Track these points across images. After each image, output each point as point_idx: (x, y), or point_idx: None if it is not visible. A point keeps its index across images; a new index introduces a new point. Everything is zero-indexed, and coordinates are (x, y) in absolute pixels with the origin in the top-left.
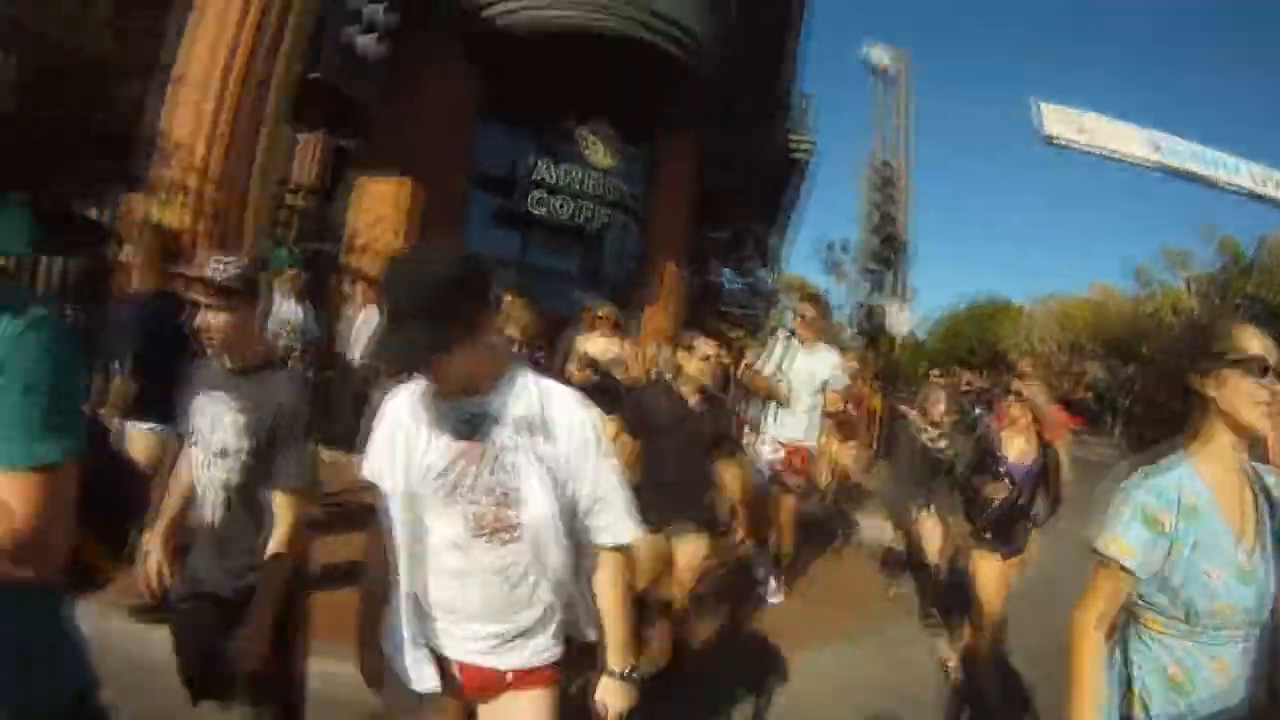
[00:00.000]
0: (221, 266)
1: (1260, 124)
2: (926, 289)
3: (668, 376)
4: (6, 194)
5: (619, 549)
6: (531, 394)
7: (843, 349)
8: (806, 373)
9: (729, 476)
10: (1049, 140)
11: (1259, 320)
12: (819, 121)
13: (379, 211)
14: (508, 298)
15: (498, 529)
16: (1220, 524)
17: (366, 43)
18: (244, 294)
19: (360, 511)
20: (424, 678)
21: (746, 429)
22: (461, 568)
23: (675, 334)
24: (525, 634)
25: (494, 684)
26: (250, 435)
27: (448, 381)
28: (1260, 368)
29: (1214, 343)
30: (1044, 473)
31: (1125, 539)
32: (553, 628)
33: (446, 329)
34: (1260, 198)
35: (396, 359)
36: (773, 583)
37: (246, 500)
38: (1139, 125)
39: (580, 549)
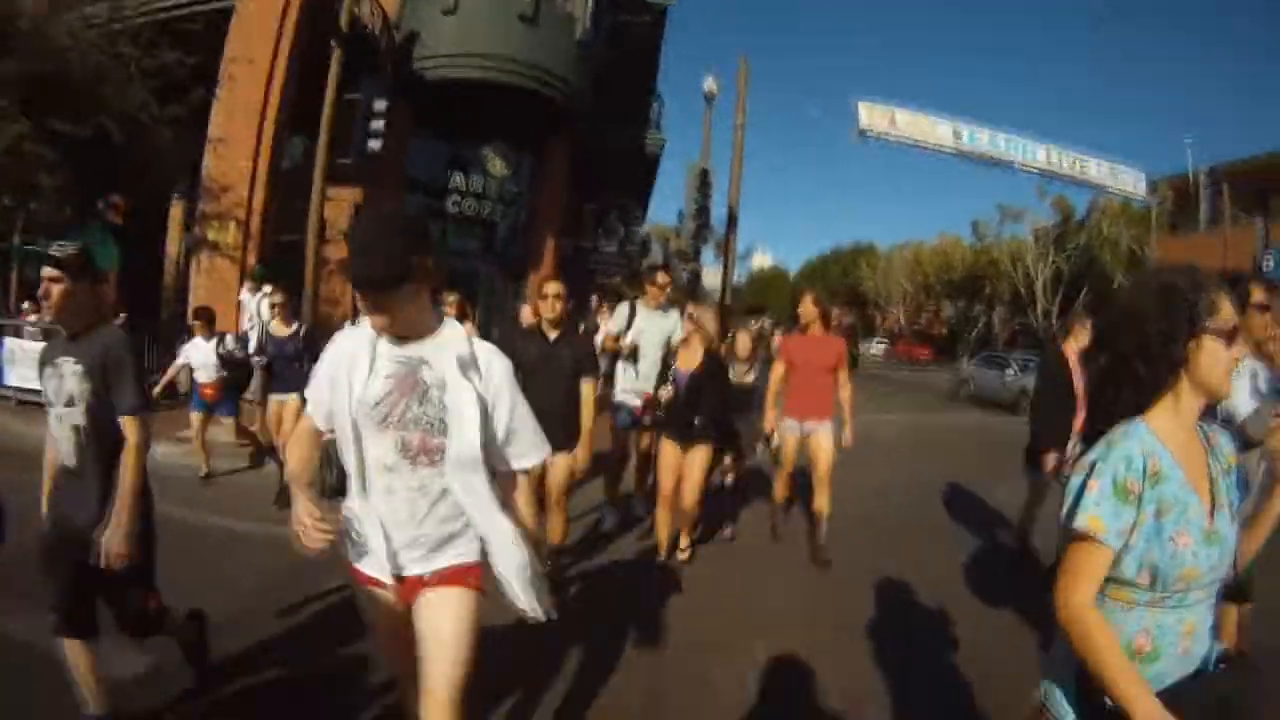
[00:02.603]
0: (62, 248)
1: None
2: (800, 242)
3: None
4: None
5: (524, 470)
6: (463, 340)
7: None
8: (656, 331)
9: (586, 389)
10: (862, 133)
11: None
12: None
13: (340, 209)
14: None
15: (423, 452)
16: (1184, 488)
17: (376, 128)
18: (79, 270)
19: None
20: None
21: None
22: (390, 484)
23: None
24: (444, 543)
25: (419, 588)
26: (88, 379)
27: (392, 321)
28: (1232, 333)
29: (1196, 309)
30: (707, 377)
31: (1100, 512)
32: (468, 537)
33: (404, 261)
34: (1055, 175)
35: (364, 279)
36: (607, 510)
37: (97, 439)
38: (947, 115)
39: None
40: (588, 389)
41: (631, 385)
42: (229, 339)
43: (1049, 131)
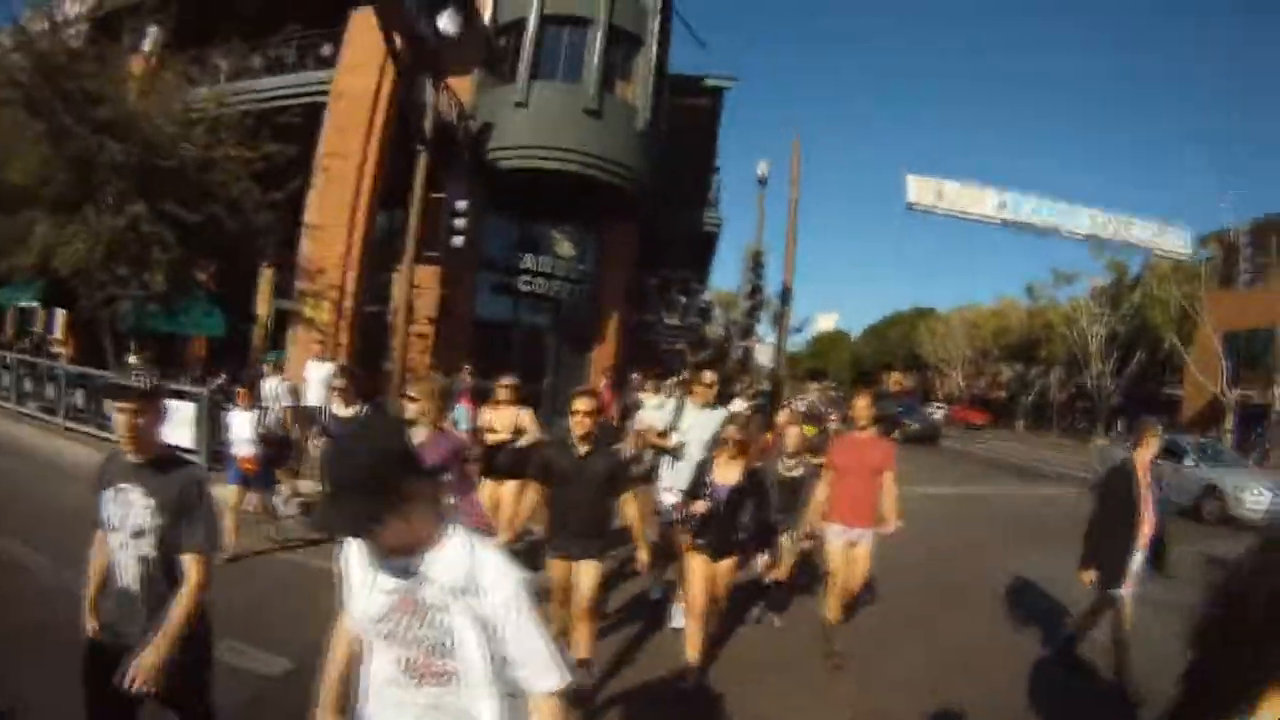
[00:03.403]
0: (142, 378)
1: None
2: (863, 305)
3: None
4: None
5: (548, 694)
6: (462, 557)
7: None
8: (703, 430)
9: (628, 508)
10: (910, 207)
11: None
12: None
13: (423, 284)
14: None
15: (429, 673)
16: None
17: (459, 225)
18: (152, 399)
19: None
20: None
21: (653, 475)
22: (401, 700)
23: (615, 366)
24: None
25: None
26: (161, 515)
27: (384, 545)
28: None
29: None
30: (749, 491)
31: None
32: None
33: (381, 501)
34: (1100, 239)
35: (336, 528)
36: (675, 607)
37: (162, 571)
38: (994, 184)
39: (513, 690)
40: (630, 503)
41: (674, 483)
42: (270, 416)
43: (1096, 195)
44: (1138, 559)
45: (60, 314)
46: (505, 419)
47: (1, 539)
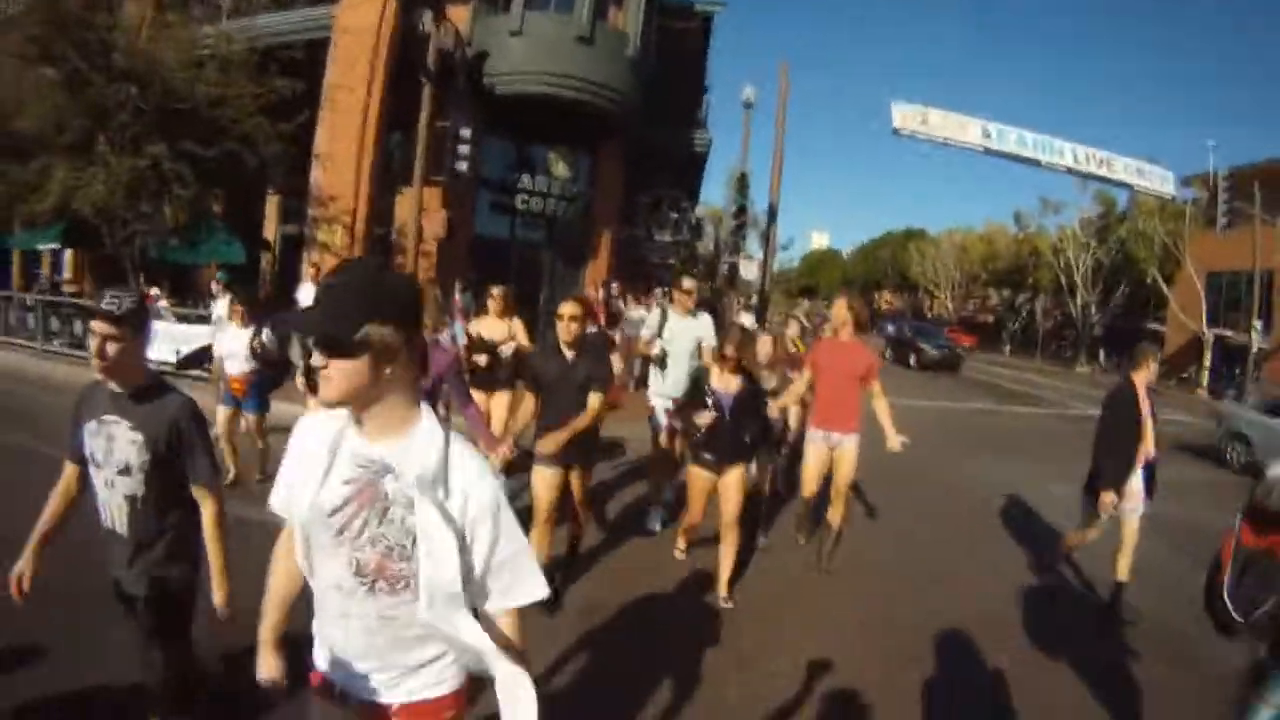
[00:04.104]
0: (117, 301)
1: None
2: (855, 224)
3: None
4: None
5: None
6: (434, 450)
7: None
8: (686, 337)
9: (592, 400)
10: (896, 132)
11: None
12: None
13: (428, 206)
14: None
15: (382, 578)
16: None
17: (462, 152)
18: (132, 324)
19: None
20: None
21: (639, 384)
22: (345, 607)
23: (607, 280)
24: (412, 672)
25: (384, 718)
26: (149, 450)
27: (338, 398)
28: None
29: None
30: (751, 398)
31: None
32: (443, 664)
33: (347, 320)
34: (1082, 174)
35: (310, 327)
36: (653, 512)
37: (150, 508)
38: (978, 115)
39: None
40: (593, 399)
41: (662, 390)
42: (266, 332)
43: (1080, 135)
44: (1136, 478)
45: (68, 255)
46: (498, 329)
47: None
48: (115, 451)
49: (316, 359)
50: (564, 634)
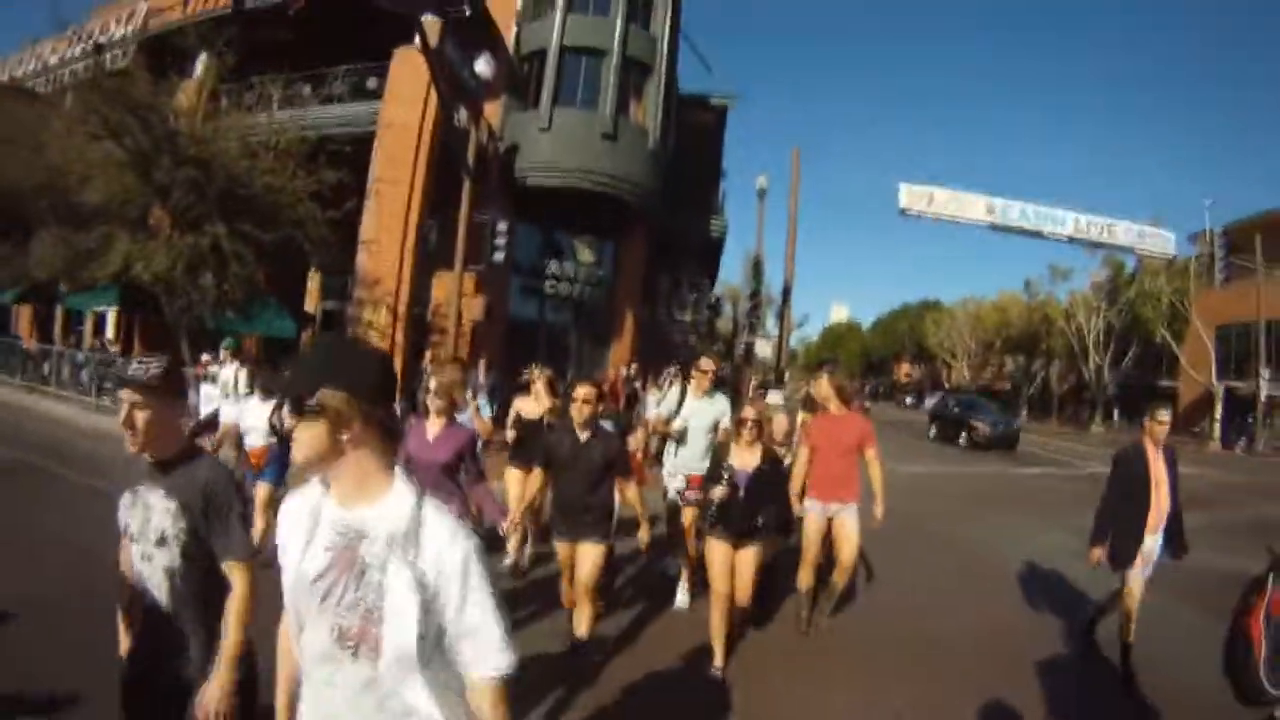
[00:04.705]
0: (144, 367)
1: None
2: (876, 294)
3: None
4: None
5: (490, 678)
6: (407, 511)
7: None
8: (704, 416)
9: (627, 491)
10: (903, 212)
11: None
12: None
13: (453, 287)
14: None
15: (364, 643)
16: None
17: (499, 244)
18: (166, 391)
19: None
20: None
21: (656, 460)
22: (331, 676)
23: (628, 361)
24: None
25: None
26: (184, 517)
27: (306, 461)
28: None
29: None
30: (768, 476)
31: None
32: None
33: (305, 383)
34: (1084, 242)
35: (288, 387)
36: (681, 587)
37: (193, 585)
38: (982, 190)
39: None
40: (627, 487)
41: (676, 467)
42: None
43: (1083, 199)
44: (1149, 541)
45: (110, 315)
46: (538, 410)
47: None
48: (151, 520)
49: (288, 420)
50: (570, 690)
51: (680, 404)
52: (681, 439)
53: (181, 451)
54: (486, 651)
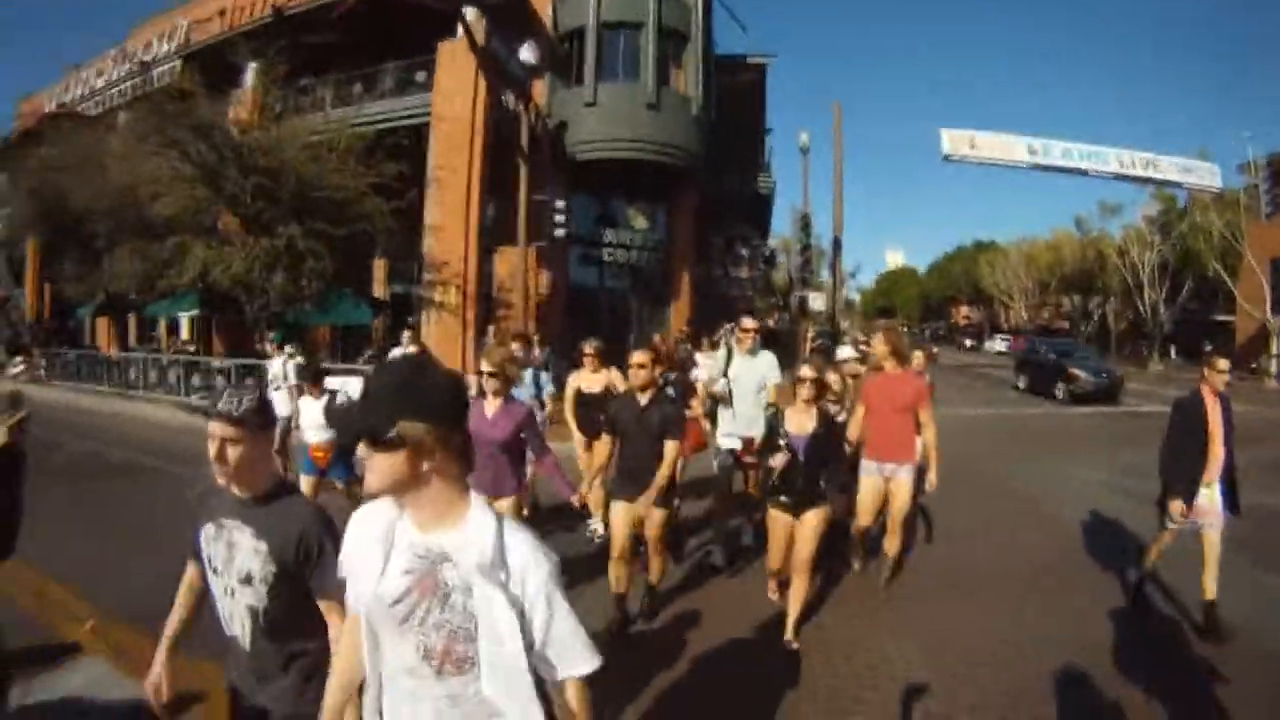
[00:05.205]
0: (235, 400)
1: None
2: (931, 237)
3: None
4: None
5: (578, 679)
6: (488, 535)
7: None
8: (750, 375)
9: (669, 449)
10: (946, 158)
11: None
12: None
13: (516, 262)
14: (590, 347)
15: (449, 660)
16: None
17: (559, 220)
18: (256, 424)
19: None
20: None
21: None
22: (415, 690)
23: (685, 323)
24: None
25: None
26: (274, 561)
27: (382, 490)
28: None
29: None
30: (825, 439)
31: None
32: None
33: (380, 418)
34: (1129, 178)
35: (351, 427)
36: (716, 549)
37: (279, 625)
38: (1022, 133)
39: (541, 675)
40: (670, 449)
41: (729, 428)
42: (340, 398)
43: (1126, 137)
44: (1205, 494)
45: (184, 319)
46: (596, 381)
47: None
48: (236, 559)
49: (361, 450)
50: (639, 673)
51: (728, 365)
52: (728, 400)
53: (272, 489)
54: (574, 658)
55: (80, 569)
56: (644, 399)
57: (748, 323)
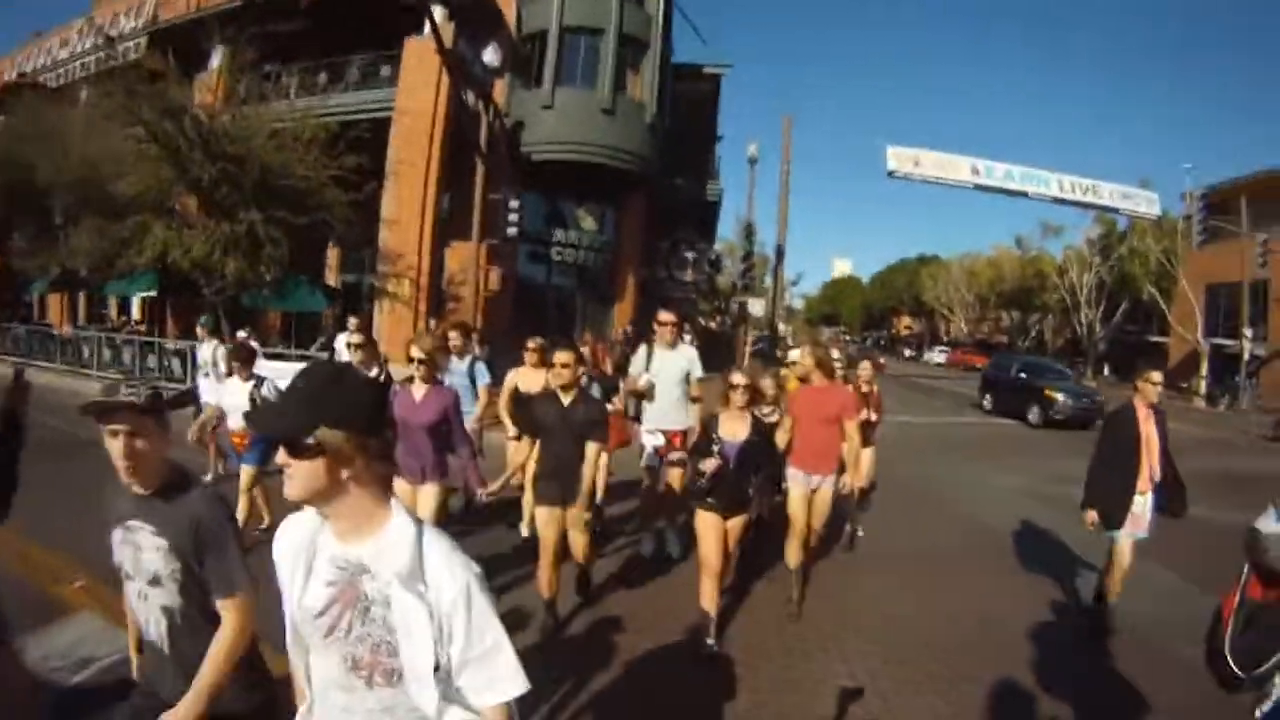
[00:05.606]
0: (135, 390)
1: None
2: (878, 247)
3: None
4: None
5: (501, 705)
6: (406, 545)
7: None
8: (671, 369)
9: (590, 451)
10: (891, 175)
11: None
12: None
13: (468, 257)
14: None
15: (377, 671)
16: None
17: (512, 219)
18: (152, 416)
19: None
20: None
21: (635, 420)
22: (347, 704)
23: (631, 319)
24: None
25: None
26: (176, 556)
27: (304, 497)
28: None
29: None
30: (757, 445)
31: None
32: None
33: (294, 422)
34: (1068, 202)
35: (266, 424)
36: (645, 539)
37: (195, 623)
38: (967, 153)
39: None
40: (591, 451)
41: (653, 424)
42: (267, 385)
43: (1073, 165)
44: (1140, 502)
45: (135, 299)
46: (535, 380)
47: None
48: (142, 560)
49: (280, 456)
50: (568, 673)
51: (649, 360)
52: (650, 394)
53: (169, 482)
54: (498, 678)
55: (62, 541)
56: (567, 399)
57: (665, 316)
